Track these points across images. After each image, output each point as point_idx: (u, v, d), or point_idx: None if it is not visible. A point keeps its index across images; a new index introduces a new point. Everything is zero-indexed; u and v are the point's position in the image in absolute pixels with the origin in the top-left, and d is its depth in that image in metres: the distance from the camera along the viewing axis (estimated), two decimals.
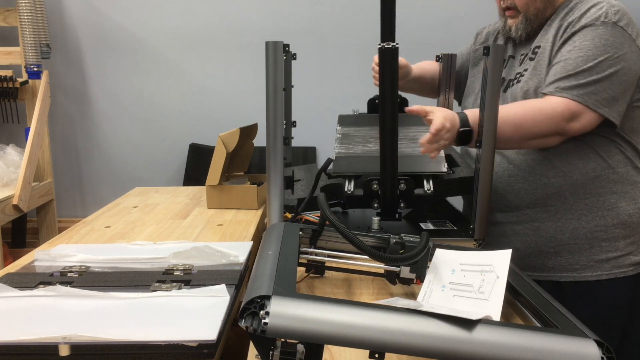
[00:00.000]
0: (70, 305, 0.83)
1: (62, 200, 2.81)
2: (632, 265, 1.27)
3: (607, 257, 1.26)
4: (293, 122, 1.60)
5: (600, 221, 1.25)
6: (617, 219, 1.25)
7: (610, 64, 1.16)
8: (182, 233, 1.30)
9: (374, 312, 0.63)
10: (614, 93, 1.17)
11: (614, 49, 1.17)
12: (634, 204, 1.26)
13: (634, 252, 1.26)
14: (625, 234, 1.26)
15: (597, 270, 1.26)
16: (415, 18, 2.69)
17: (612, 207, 1.25)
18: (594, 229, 1.25)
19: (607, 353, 0.64)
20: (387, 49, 1.05)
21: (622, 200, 1.25)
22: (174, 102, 2.79)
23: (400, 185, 1.13)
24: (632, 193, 1.26)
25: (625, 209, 1.25)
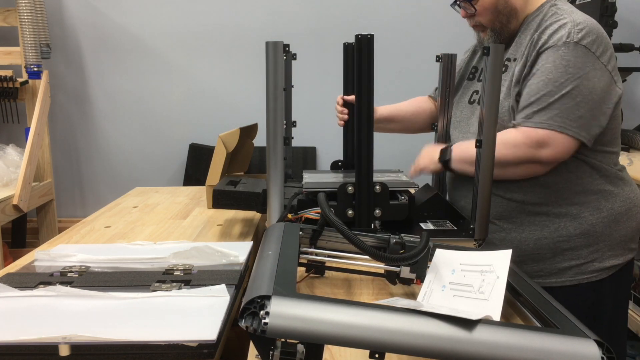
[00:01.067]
0: (70, 305, 0.83)
1: (62, 200, 2.81)
2: (595, 272, 1.27)
3: (570, 265, 1.27)
4: (293, 122, 1.61)
5: (562, 232, 1.26)
6: (579, 228, 1.26)
7: (574, 85, 1.16)
8: (182, 233, 1.30)
9: (374, 312, 0.63)
10: (581, 113, 1.16)
11: (575, 69, 1.16)
12: (598, 213, 1.26)
13: (597, 259, 1.27)
14: (588, 242, 1.26)
15: (561, 276, 1.28)
16: (415, 18, 2.69)
17: (575, 217, 1.26)
18: (556, 239, 1.27)
19: (607, 353, 0.64)
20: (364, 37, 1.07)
21: (585, 211, 1.26)
22: (174, 102, 2.79)
23: (375, 187, 1.13)
24: (596, 202, 1.26)
25: (588, 219, 1.26)
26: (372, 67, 1.08)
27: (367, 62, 1.08)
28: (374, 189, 1.13)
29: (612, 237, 1.27)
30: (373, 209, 1.14)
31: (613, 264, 1.28)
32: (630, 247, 1.31)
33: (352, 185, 1.13)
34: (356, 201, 1.13)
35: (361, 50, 1.07)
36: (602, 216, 1.26)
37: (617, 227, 1.28)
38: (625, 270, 1.32)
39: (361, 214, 1.13)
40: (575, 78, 1.16)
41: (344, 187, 1.13)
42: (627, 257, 1.30)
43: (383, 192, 1.14)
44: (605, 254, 1.28)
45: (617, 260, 1.29)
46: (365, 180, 1.12)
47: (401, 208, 1.16)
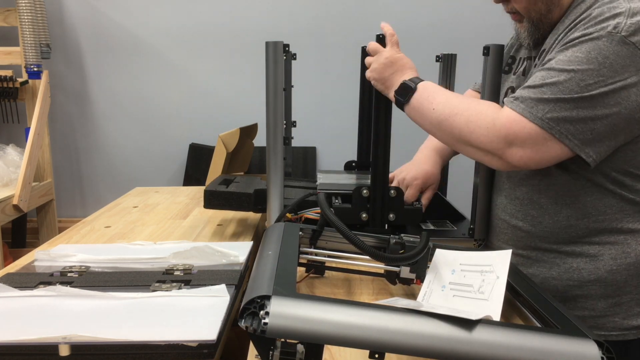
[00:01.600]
0: (70, 305, 0.83)
1: (62, 200, 2.81)
2: (616, 330, 1.02)
3: (583, 315, 1.03)
4: (293, 122, 1.60)
5: (574, 274, 1.03)
6: (595, 274, 1.01)
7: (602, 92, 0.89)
8: (182, 233, 1.30)
9: (374, 312, 0.63)
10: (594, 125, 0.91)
11: (611, 72, 0.89)
12: (623, 258, 1.00)
13: (619, 315, 1.02)
14: (606, 292, 1.01)
15: None
16: (416, 18, 2.69)
17: (592, 259, 1.02)
18: (566, 282, 1.04)
19: (607, 353, 0.64)
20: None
21: (605, 253, 1.01)
22: (174, 102, 2.79)
23: (390, 192, 1.13)
24: (622, 244, 1.01)
25: (608, 264, 1.01)
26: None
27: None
28: (389, 193, 1.13)
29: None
30: (387, 213, 1.13)
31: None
32: None
33: (368, 188, 1.13)
34: (370, 205, 1.13)
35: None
36: (628, 262, 1.00)
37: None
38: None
39: (375, 217, 1.13)
40: (607, 84, 0.89)
41: (359, 190, 1.13)
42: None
43: (398, 196, 1.13)
44: (632, 309, 1.02)
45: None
46: (381, 185, 1.12)
47: (415, 213, 1.16)
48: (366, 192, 1.13)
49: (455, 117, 0.98)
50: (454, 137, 0.99)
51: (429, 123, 1.03)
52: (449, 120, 0.99)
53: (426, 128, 1.06)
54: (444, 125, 1.00)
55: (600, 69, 0.90)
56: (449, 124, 0.99)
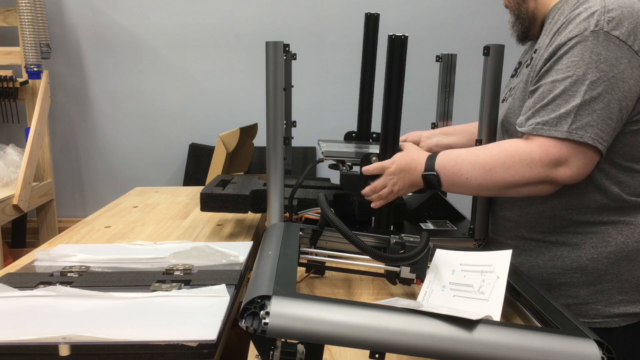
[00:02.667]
0: (70, 305, 0.83)
1: (62, 200, 2.81)
2: (598, 317, 1.04)
3: (567, 303, 1.06)
4: (293, 122, 1.60)
5: (557, 262, 1.06)
6: (576, 262, 1.04)
7: (606, 86, 0.93)
8: (182, 233, 1.30)
9: (374, 312, 0.63)
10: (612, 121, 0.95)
11: (608, 66, 0.93)
12: (603, 247, 1.03)
13: (601, 302, 1.04)
14: (588, 280, 1.04)
15: None
16: (416, 18, 2.69)
17: (574, 247, 1.05)
18: (550, 269, 1.07)
19: (608, 353, 0.64)
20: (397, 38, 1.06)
21: (587, 242, 1.04)
22: (174, 102, 2.79)
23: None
24: (604, 234, 1.03)
25: (589, 252, 1.03)
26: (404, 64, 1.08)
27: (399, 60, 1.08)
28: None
29: (623, 278, 1.03)
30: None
31: (626, 311, 1.03)
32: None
33: (377, 156, 1.10)
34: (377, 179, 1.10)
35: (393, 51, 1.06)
36: (608, 251, 1.02)
37: (630, 267, 1.03)
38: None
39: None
40: (609, 77, 0.93)
41: (367, 157, 1.11)
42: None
43: None
44: (613, 297, 1.03)
45: (633, 307, 1.03)
46: (392, 151, 1.09)
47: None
48: (375, 159, 1.11)
49: (491, 172, 1.00)
50: (501, 188, 1.01)
51: (471, 190, 1.06)
52: (487, 178, 1.01)
53: (471, 193, 1.09)
54: (486, 186, 1.02)
55: (598, 65, 0.93)
56: (490, 181, 1.01)
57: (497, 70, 1.09)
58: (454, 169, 1.03)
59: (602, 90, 0.93)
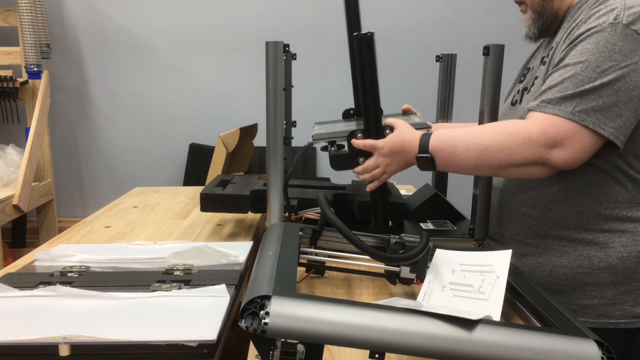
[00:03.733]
0: (70, 305, 0.83)
1: (62, 200, 2.82)
2: (625, 317, 1.03)
3: (592, 304, 1.04)
4: (293, 122, 1.60)
5: (584, 261, 1.04)
6: (605, 261, 1.03)
7: (618, 75, 0.94)
8: (182, 233, 1.30)
9: (374, 312, 0.63)
10: (620, 110, 0.95)
11: (622, 56, 0.94)
12: (633, 246, 1.02)
13: (628, 302, 1.03)
14: (617, 280, 1.03)
15: (582, 316, 1.05)
16: (416, 18, 2.69)
17: (602, 246, 1.03)
18: (576, 269, 1.05)
19: (608, 353, 0.64)
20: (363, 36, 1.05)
21: (615, 240, 1.03)
22: (174, 102, 2.79)
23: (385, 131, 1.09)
24: (633, 232, 1.02)
25: (618, 251, 1.02)
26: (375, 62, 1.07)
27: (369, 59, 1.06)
28: (383, 133, 1.09)
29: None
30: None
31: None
32: None
33: (362, 132, 1.10)
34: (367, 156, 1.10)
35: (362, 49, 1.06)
36: (638, 250, 1.02)
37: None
38: None
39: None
40: (622, 67, 0.94)
41: (352, 134, 1.10)
42: None
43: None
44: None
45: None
46: (375, 126, 1.08)
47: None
48: (360, 136, 1.10)
49: (486, 152, 1.00)
50: (495, 168, 1.01)
51: (467, 170, 1.04)
52: (482, 158, 1.00)
53: (465, 173, 1.06)
54: (480, 166, 1.01)
55: (611, 54, 0.95)
56: (484, 161, 1.00)
57: (497, 70, 1.09)
58: (449, 150, 1.03)
59: (613, 78, 0.94)
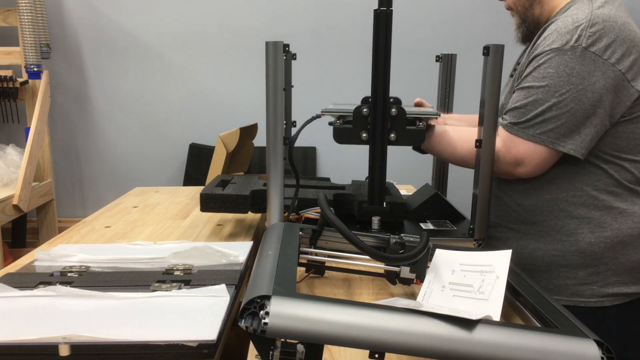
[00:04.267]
0: (70, 305, 0.83)
1: (62, 200, 2.82)
2: (594, 297, 1.14)
3: (566, 283, 1.16)
4: (293, 122, 1.60)
5: (557, 245, 1.16)
6: (575, 245, 1.14)
7: (574, 96, 1.06)
8: (182, 233, 1.30)
9: (374, 312, 0.63)
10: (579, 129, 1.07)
11: (579, 79, 1.05)
12: (600, 232, 1.13)
13: (597, 283, 1.14)
14: (586, 262, 1.14)
15: (557, 294, 1.16)
16: (416, 18, 2.69)
17: (572, 233, 1.14)
18: (551, 252, 1.16)
19: (607, 353, 0.64)
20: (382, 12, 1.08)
21: (584, 227, 1.14)
22: (174, 102, 2.79)
23: (391, 110, 1.10)
24: (599, 220, 1.13)
25: (587, 237, 1.13)
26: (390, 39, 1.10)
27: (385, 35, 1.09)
28: (390, 111, 1.10)
29: (618, 261, 1.13)
30: (388, 132, 1.10)
31: (619, 291, 1.14)
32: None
33: (368, 107, 1.10)
34: (371, 123, 1.10)
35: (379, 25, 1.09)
36: (605, 236, 1.12)
37: (625, 251, 1.12)
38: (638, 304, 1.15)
39: (375, 136, 1.10)
40: (579, 89, 1.06)
41: (359, 109, 1.11)
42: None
43: (399, 115, 1.11)
44: (608, 278, 1.14)
45: (625, 288, 1.14)
46: (382, 101, 1.09)
47: (417, 134, 1.12)
48: (366, 111, 1.11)
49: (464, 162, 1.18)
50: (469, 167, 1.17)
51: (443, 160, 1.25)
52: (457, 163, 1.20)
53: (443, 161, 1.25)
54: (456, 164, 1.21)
55: (570, 78, 1.06)
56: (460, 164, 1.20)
57: (497, 70, 1.09)
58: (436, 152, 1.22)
59: (570, 101, 1.06)
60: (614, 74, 1.06)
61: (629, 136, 1.10)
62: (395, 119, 1.11)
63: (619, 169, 1.12)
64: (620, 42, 1.06)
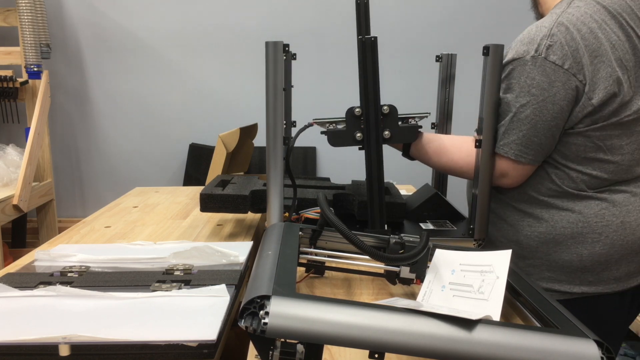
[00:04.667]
0: (70, 305, 0.83)
1: (62, 200, 2.82)
2: None
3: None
4: (293, 122, 1.60)
5: (503, 232, 1.21)
6: (515, 236, 1.18)
7: (534, 108, 1.07)
8: (182, 233, 1.30)
9: (374, 312, 0.63)
10: (539, 139, 1.08)
11: (539, 90, 1.06)
12: (537, 227, 1.16)
13: (533, 275, 1.17)
14: (523, 254, 1.18)
15: None
16: (416, 18, 2.69)
17: (512, 225, 1.19)
18: (499, 238, 1.22)
19: (607, 353, 0.64)
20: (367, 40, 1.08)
21: (523, 220, 1.17)
22: (174, 102, 2.79)
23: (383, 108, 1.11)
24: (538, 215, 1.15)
25: (524, 230, 1.17)
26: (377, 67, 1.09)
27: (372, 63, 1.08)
28: (381, 109, 1.11)
29: (551, 258, 1.15)
30: (382, 130, 1.11)
31: (553, 287, 1.15)
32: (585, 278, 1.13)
33: (360, 107, 1.11)
34: (364, 122, 1.11)
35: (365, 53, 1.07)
36: (540, 231, 1.15)
37: (557, 249, 1.14)
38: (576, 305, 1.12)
39: (370, 134, 1.11)
40: (539, 101, 1.06)
41: (351, 110, 1.12)
42: (578, 288, 1.13)
43: (391, 113, 1.12)
44: (543, 273, 1.16)
45: (559, 285, 1.15)
46: (373, 100, 1.10)
47: (410, 130, 1.14)
48: (358, 111, 1.11)
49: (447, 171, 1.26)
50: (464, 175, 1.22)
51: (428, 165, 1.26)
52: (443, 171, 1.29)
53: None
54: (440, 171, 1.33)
55: (530, 89, 1.07)
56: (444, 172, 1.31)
57: (497, 70, 1.09)
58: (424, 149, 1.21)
59: (530, 112, 1.07)
60: (574, 85, 1.05)
61: (578, 148, 1.10)
62: (387, 116, 1.12)
63: (563, 175, 1.13)
64: (582, 51, 1.05)
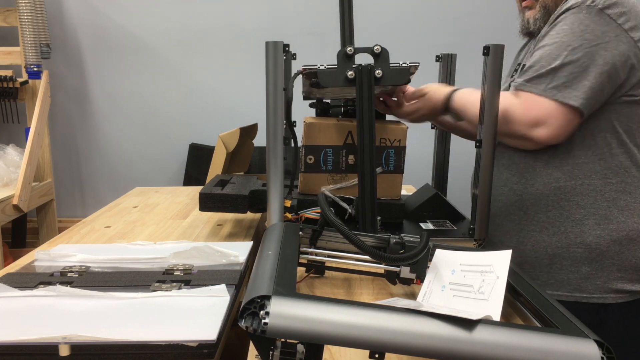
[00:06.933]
0: (70, 305, 0.83)
1: (62, 200, 2.81)
2: (597, 292, 1.10)
3: (569, 278, 1.12)
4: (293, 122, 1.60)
5: (562, 237, 1.12)
6: (580, 237, 1.10)
7: (586, 52, 1.04)
8: (182, 233, 1.30)
9: (374, 312, 0.63)
10: (590, 83, 1.04)
11: (593, 36, 1.04)
12: (606, 224, 1.09)
13: (600, 278, 1.10)
14: (590, 257, 1.10)
15: (558, 289, 1.13)
16: (416, 18, 2.69)
17: (577, 223, 1.11)
18: (555, 244, 1.13)
19: (607, 353, 0.64)
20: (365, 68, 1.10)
21: (589, 218, 1.10)
22: (174, 102, 2.79)
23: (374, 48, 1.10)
24: (606, 211, 1.09)
25: (592, 229, 1.09)
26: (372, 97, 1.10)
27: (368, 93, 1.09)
28: (373, 49, 1.10)
29: (624, 257, 1.09)
30: (374, 69, 1.10)
31: (623, 288, 1.10)
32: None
33: (352, 46, 1.11)
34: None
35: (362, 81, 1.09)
36: (610, 229, 1.08)
37: (630, 246, 1.09)
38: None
39: (362, 73, 1.09)
40: (592, 45, 1.04)
41: (343, 49, 1.12)
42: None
43: (383, 53, 1.11)
44: (613, 274, 1.10)
45: (630, 285, 1.10)
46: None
47: (401, 72, 1.12)
48: (350, 50, 1.11)
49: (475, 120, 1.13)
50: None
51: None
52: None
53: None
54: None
55: (583, 34, 1.05)
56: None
57: (497, 70, 1.09)
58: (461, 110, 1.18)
59: (582, 55, 1.04)
60: (627, 40, 1.04)
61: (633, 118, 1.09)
62: (379, 56, 1.11)
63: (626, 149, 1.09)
64: (635, 15, 1.06)
